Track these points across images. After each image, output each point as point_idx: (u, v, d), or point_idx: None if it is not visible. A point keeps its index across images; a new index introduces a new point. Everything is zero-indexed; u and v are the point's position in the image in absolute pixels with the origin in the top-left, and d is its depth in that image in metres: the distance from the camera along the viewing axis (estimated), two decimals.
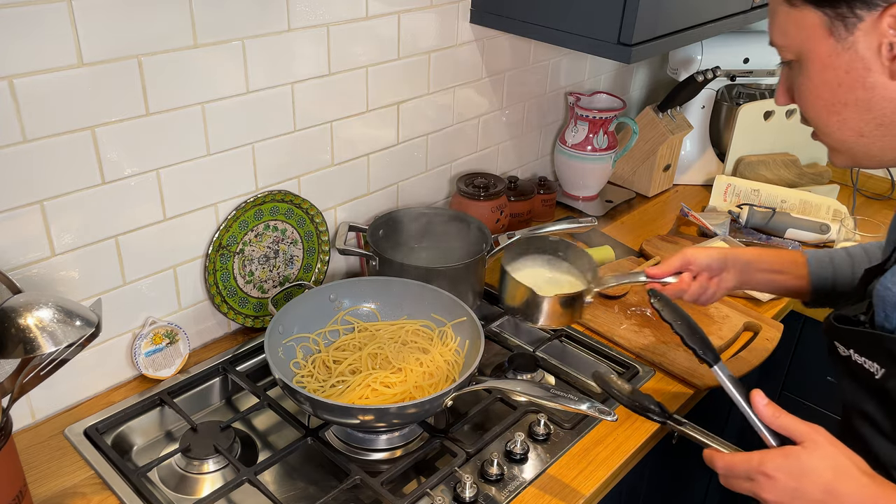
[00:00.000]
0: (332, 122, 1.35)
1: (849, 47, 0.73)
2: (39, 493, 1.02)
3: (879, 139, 0.77)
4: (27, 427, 1.12)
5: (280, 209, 1.32)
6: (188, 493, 1.08)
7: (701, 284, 1.13)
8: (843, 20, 0.72)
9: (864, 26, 0.71)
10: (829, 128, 0.80)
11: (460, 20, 1.50)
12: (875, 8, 0.71)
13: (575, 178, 1.85)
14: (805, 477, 0.75)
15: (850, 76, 0.74)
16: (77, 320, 0.86)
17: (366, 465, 1.11)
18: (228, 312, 1.30)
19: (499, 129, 1.73)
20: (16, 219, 1.01)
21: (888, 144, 0.77)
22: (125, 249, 1.14)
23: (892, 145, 0.77)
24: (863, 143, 0.78)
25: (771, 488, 0.77)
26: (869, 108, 0.75)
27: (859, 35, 0.72)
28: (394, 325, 1.28)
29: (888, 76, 0.73)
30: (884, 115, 0.75)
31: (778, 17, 0.79)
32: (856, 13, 0.71)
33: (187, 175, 1.17)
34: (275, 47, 1.20)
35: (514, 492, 1.05)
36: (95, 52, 1.00)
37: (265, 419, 1.23)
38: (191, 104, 1.13)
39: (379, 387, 1.13)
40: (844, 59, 0.74)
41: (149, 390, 1.20)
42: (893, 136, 0.76)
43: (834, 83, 0.76)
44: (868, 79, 0.73)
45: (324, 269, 1.42)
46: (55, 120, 1.00)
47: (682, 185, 2.04)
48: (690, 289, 1.13)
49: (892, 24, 0.70)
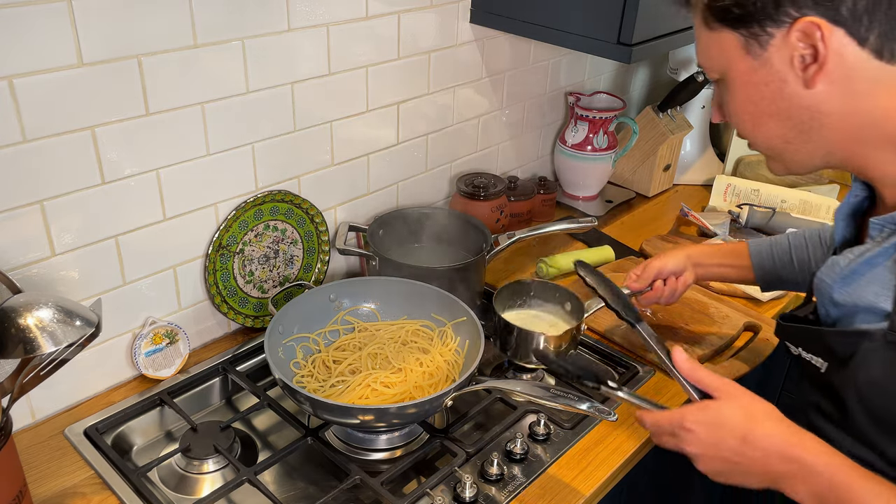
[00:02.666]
0: (332, 122, 1.35)
1: (765, 63, 0.78)
2: (39, 493, 1.02)
3: (804, 145, 0.82)
4: (27, 427, 1.12)
5: (280, 209, 1.32)
6: (188, 493, 1.08)
7: (671, 287, 1.26)
8: (757, 38, 0.77)
9: (776, 42, 0.76)
10: (757, 138, 0.85)
11: (460, 20, 1.50)
12: (783, 25, 0.75)
13: (575, 178, 1.85)
14: (721, 427, 0.80)
15: (770, 89, 0.79)
16: (77, 320, 0.86)
17: (366, 465, 1.11)
18: (228, 312, 1.30)
19: (499, 129, 1.73)
20: (16, 219, 1.01)
21: (812, 150, 0.82)
22: (125, 249, 1.14)
23: (815, 150, 0.82)
24: (790, 150, 0.83)
25: (692, 441, 0.82)
26: (789, 116, 0.80)
27: (772, 51, 0.77)
28: (394, 325, 1.28)
29: (803, 85, 0.77)
30: (802, 122, 0.80)
31: (701, 40, 0.84)
32: (767, 31, 0.76)
33: (187, 175, 1.17)
34: (275, 47, 1.20)
35: (514, 492, 1.05)
36: (95, 52, 1.00)
37: (265, 419, 1.23)
38: (191, 104, 1.13)
39: (379, 387, 1.13)
40: (762, 74, 0.79)
41: (149, 390, 1.20)
42: (814, 141, 0.81)
43: (756, 97, 0.81)
44: (785, 90, 0.78)
45: (324, 269, 1.42)
46: (55, 120, 1.00)
47: (682, 185, 2.04)
48: (664, 293, 1.26)
49: (800, 38, 0.74)
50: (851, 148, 0.80)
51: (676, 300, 1.28)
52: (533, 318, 1.35)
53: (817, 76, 0.76)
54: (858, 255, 0.81)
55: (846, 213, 0.90)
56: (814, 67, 0.75)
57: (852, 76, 0.75)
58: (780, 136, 0.82)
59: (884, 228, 0.80)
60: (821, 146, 0.81)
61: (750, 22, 0.77)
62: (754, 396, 0.83)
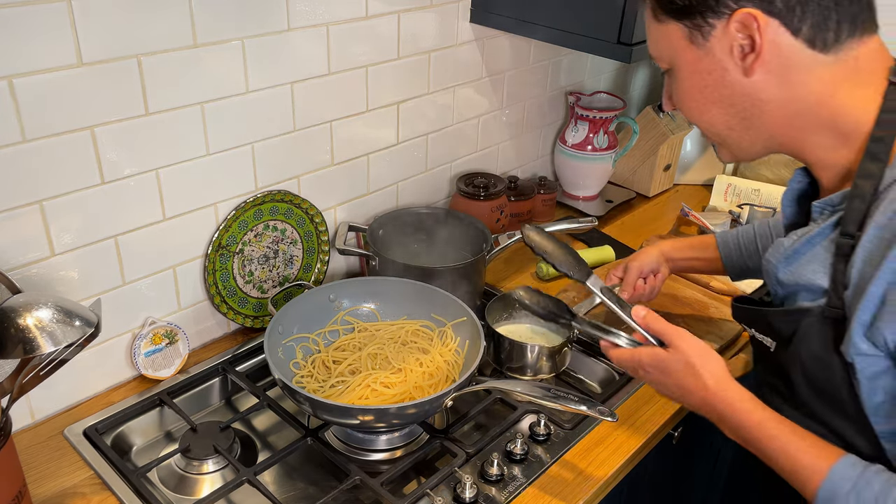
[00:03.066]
0: (332, 121, 1.35)
1: (708, 52, 0.82)
2: (39, 493, 1.02)
3: (745, 132, 0.86)
4: (27, 427, 1.12)
5: (280, 209, 1.31)
6: (188, 493, 1.08)
7: (650, 285, 1.30)
8: (700, 29, 0.81)
9: (717, 33, 0.80)
10: (703, 125, 0.89)
11: (460, 20, 1.50)
12: (723, 16, 0.79)
13: (575, 177, 1.85)
14: (668, 375, 0.91)
15: (713, 77, 0.83)
16: (77, 320, 0.86)
17: (366, 465, 1.11)
18: (228, 312, 1.30)
19: (499, 128, 1.73)
20: (16, 219, 1.01)
21: (754, 136, 0.86)
22: (125, 249, 1.14)
23: (756, 137, 0.86)
24: (734, 137, 0.87)
25: (645, 378, 0.95)
26: (732, 104, 0.84)
27: (714, 41, 0.81)
28: (394, 325, 1.28)
29: (742, 74, 0.81)
30: (744, 108, 0.84)
31: (651, 32, 0.88)
32: (708, 22, 0.80)
33: (187, 175, 1.17)
34: (275, 47, 1.20)
35: (514, 492, 1.05)
36: (95, 52, 1.00)
37: (265, 419, 1.23)
38: (191, 104, 1.13)
39: (379, 387, 1.13)
40: (706, 63, 0.83)
41: (148, 390, 1.20)
42: (756, 128, 0.85)
43: (701, 85, 0.85)
44: (727, 78, 0.82)
45: (324, 269, 1.42)
46: (55, 120, 1.00)
47: (683, 185, 2.04)
48: (645, 291, 1.30)
49: (738, 28, 0.78)
50: (790, 133, 0.84)
51: (655, 297, 1.32)
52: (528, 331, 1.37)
53: (755, 65, 0.80)
54: (800, 236, 0.85)
55: (792, 199, 0.94)
56: (751, 56, 0.79)
57: (788, 65, 0.79)
58: (723, 122, 0.86)
59: (823, 210, 0.84)
60: (762, 132, 0.85)
61: (693, 13, 0.81)
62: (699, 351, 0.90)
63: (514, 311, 1.39)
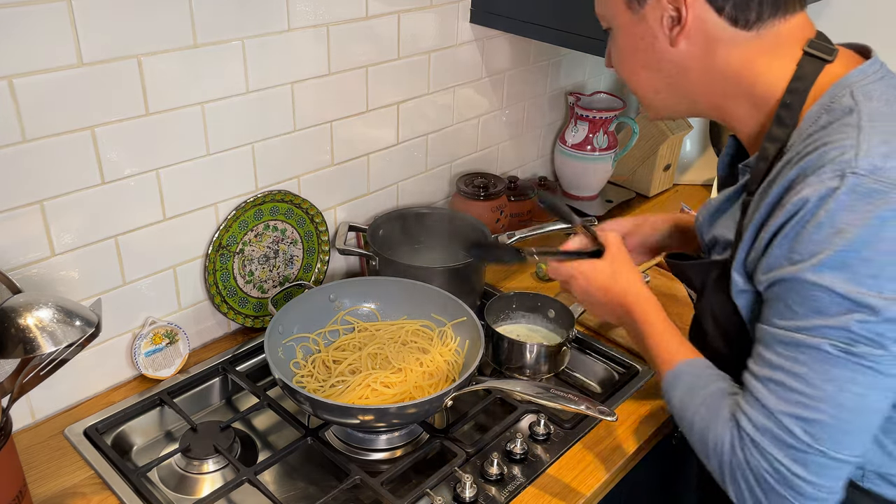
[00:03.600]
0: (332, 122, 1.35)
1: (642, 19, 0.88)
2: (39, 493, 1.02)
3: (670, 95, 0.92)
4: (27, 427, 1.12)
5: (280, 209, 1.32)
6: (188, 493, 1.08)
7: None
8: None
9: (651, 2, 0.86)
10: (633, 85, 0.95)
11: (460, 20, 1.50)
12: None
13: (575, 178, 1.85)
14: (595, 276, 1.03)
15: (644, 43, 0.89)
16: (77, 320, 0.86)
17: (366, 465, 1.11)
18: (228, 312, 1.30)
19: (499, 128, 1.73)
20: (16, 219, 1.01)
21: (678, 99, 0.93)
22: (125, 249, 1.14)
23: (680, 100, 0.93)
24: (660, 99, 0.94)
25: (575, 286, 1.05)
26: (659, 69, 0.90)
27: (648, 9, 0.87)
28: (394, 325, 1.28)
29: (668, 43, 0.87)
30: (670, 75, 0.90)
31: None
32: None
33: (187, 175, 1.17)
34: (275, 47, 1.20)
35: (514, 492, 1.05)
36: (95, 52, 1.00)
37: (265, 419, 1.23)
38: (191, 104, 1.13)
39: (379, 387, 1.13)
40: (639, 29, 0.89)
41: (149, 390, 1.20)
42: (680, 93, 0.91)
43: (633, 49, 0.91)
44: (656, 45, 0.88)
45: (324, 269, 1.42)
46: (55, 120, 1.00)
47: (682, 185, 2.04)
48: None
49: (669, 0, 0.84)
50: (712, 100, 0.90)
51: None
52: (527, 331, 1.38)
53: (679, 36, 0.85)
54: (723, 194, 0.92)
55: (725, 164, 1.01)
56: (677, 28, 0.85)
57: (710, 39, 0.85)
58: (650, 85, 0.93)
59: (744, 172, 0.89)
60: (685, 97, 0.92)
61: None
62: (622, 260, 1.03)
63: (513, 311, 1.39)
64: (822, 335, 0.75)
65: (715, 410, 0.85)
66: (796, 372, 0.77)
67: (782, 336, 0.78)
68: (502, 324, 1.38)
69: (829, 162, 0.74)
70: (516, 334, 1.34)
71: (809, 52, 0.83)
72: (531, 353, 1.27)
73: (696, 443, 0.88)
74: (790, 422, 0.78)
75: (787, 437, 0.78)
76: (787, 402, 0.78)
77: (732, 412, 0.84)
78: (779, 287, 0.78)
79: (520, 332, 1.36)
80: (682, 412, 0.90)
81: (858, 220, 0.72)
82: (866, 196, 0.72)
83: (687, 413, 0.89)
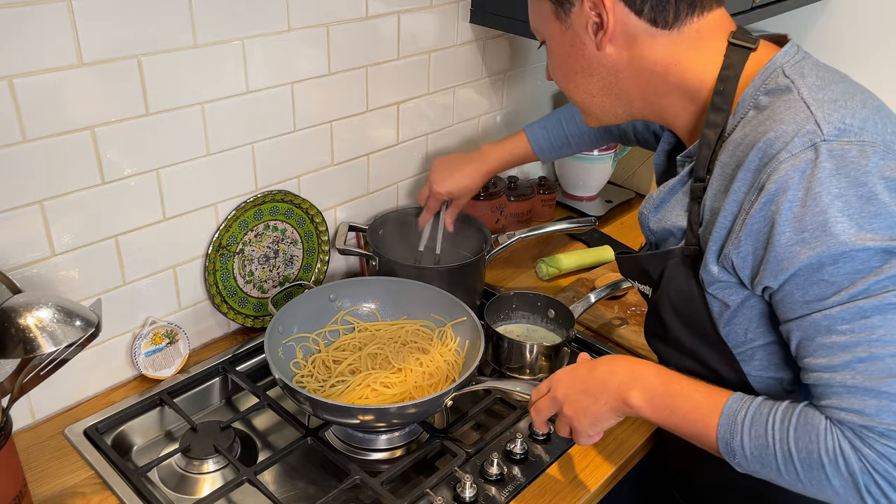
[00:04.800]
0: (332, 122, 1.35)
1: (569, 27, 0.90)
2: (39, 493, 1.02)
3: (606, 98, 0.94)
4: (27, 427, 1.12)
5: (280, 209, 1.32)
6: (188, 493, 1.08)
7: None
8: (563, 6, 0.89)
9: (576, 10, 0.88)
10: (570, 93, 0.97)
11: (460, 20, 1.50)
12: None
13: (575, 178, 1.85)
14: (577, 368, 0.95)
15: (574, 50, 0.91)
16: (77, 320, 0.86)
17: (366, 465, 1.11)
18: (228, 312, 1.30)
19: (499, 129, 1.73)
20: (16, 219, 1.01)
21: (614, 102, 0.94)
22: (125, 249, 1.14)
23: (616, 103, 0.94)
24: (596, 104, 0.95)
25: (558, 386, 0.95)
26: (591, 74, 0.92)
27: (574, 18, 0.89)
28: (394, 325, 1.28)
29: (596, 48, 0.89)
30: (602, 78, 0.92)
31: (531, 9, 0.97)
32: (570, 0, 0.88)
33: (187, 175, 1.17)
34: (275, 47, 1.20)
35: (514, 492, 1.05)
36: (95, 52, 1.00)
37: (265, 419, 1.23)
38: (191, 104, 1.13)
39: (379, 387, 1.13)
40: (568, 38, 0.91)
41: (149, 390, 1.20)
42: (615, 95, 0.93)
43: (565, 57, 0.93)
44: (584, 51, 0.90)
45: (324, 269, 1.42)
46: (55, 120, 1.00)
47: None
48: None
49: (591, 6, 0.86)
50: (646, 98, 0.92)
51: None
52: (527, 331, 1.38)
53: (605, 40, 0.88)
54: (665, 186, 0.93)
55: (663, 158, 1.03)
56: (601, 33, 0.87)
57: (634, 40, 0.87)
58: (585, 90, 0.94)
59: (683, 163, 0.91)
60: (621, 99, 0.93)
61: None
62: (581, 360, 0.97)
63: (513, 311, 1.39)
64: (880, 289, 0.73)
65: (808, 427, 0.77)
66: (876, 337, 0.74)
67: (839, 312, 0.75)
68: (502, 324, 1.38)
69: (792, 137, 0.76)
70: (516, 334, 1.34)
71: (734, 42, 0.86)
72: (531, 353, 1.27)
73: (803, 471, 0.77)
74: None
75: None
76: (882, 371, 0.73)
77: (830, 419, 0.76)
78: (806, 272, 0.76)
79: (520, 332, 1.36)
80: (763, 451, 0.79)
81: (849, 182, 0.74)
82: (846, 157, 0.74)
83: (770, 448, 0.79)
